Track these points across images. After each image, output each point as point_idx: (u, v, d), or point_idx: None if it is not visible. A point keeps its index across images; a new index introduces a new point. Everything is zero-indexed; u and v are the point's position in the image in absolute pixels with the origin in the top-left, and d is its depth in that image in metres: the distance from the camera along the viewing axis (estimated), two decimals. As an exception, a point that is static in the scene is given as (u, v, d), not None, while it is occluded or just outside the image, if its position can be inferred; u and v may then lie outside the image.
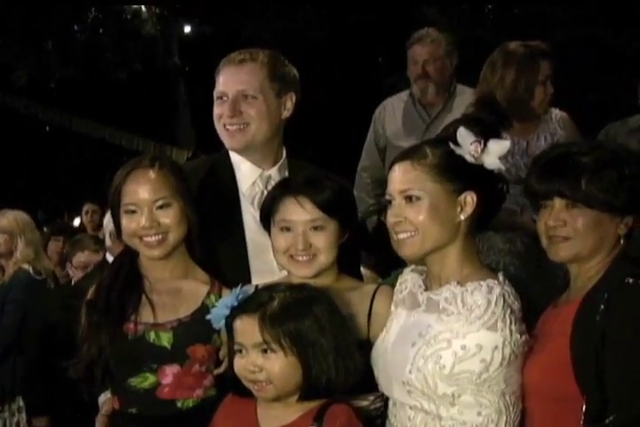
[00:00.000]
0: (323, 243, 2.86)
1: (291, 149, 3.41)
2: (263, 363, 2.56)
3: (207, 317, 2.81)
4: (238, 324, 2.62)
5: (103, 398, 3.08)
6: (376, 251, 3.97)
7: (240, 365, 2.60)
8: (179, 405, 2.94)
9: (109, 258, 4.92)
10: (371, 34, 12.64)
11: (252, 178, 3.29)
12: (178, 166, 3.10)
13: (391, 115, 5.47)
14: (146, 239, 2.96)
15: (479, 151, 2.68)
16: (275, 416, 2.62)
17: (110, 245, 5.07)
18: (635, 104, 5.03)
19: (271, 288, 2.70)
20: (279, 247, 2.89)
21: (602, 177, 2.62)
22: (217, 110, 3.29)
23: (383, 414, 2.79)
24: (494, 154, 2.70)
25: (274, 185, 3.08)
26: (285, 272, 2.97)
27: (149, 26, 13.56)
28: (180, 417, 2.93)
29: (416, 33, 5.42)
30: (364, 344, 2.79)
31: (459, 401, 2.61)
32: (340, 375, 2.57)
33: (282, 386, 2.57)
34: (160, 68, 14.44)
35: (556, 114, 4.51)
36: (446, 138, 2.73)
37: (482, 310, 2.58)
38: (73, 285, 5.47)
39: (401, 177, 2.72)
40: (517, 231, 4.24)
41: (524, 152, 4.33)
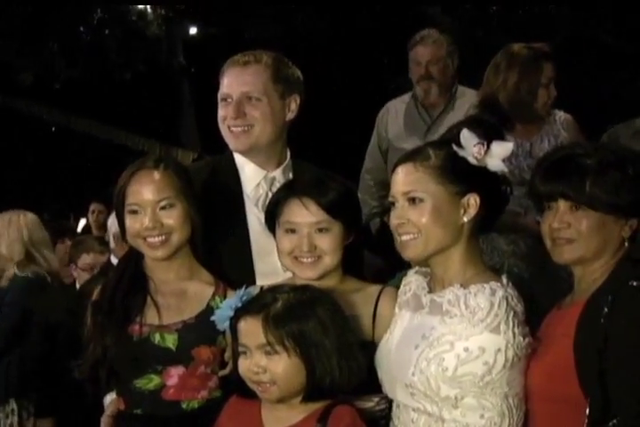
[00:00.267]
0: (327, 245, 2.86)
1: (295, 151, 3.41)
2: (267, 364, 2.56)
3: (211, 318, 2.82)
4: (242, 325, 2.62)
5: (108, 398, 3.09)
6: (380, 252, 3.97)
7: (244, 366, 2.61)
8: (183, 406, 2.95)
9: (114, 260, 4.92)
10: (375, 35, 12.63)
11: (257, 180, 3.30)
12: (183, 167, 3.10)
13: (393, 117, 5.47)
14: (149, 240, 2.97)
15: (482, 153, 2.68)
16: (279, 417, 2.63)
17: (114, 247, 5.07)
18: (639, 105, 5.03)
19: (275, 290, 2.70)
20: (284, 249, 2.90)
21: (606, 179, 2.62)
22: (221, 112, 3.30)
23: (387, 415, 2.80)
24: (497, 156, 2.70)
25: (279, 187, 3.09)
26: (290, 273, 2.97)
27: (154, 27, 13.55)
28: (185, 418, 2.93)
29: (417, 34, 5.42)
30: (369, 346, 2.80)
31: (461, 403, 2.61)
32: (344, 376, 2.57)
33: (285, 387, 2.57)
34: (165, 69, 14.43)
35: (560, 116, 4.51)
36: (449, 140, 2.72)
37: (485, 313, 2.57)
38: (79, 287, 5.47)
39: (404, 179, 2.72)
40: (521, 233, 4.24)
41: (528, 154, 4.32)
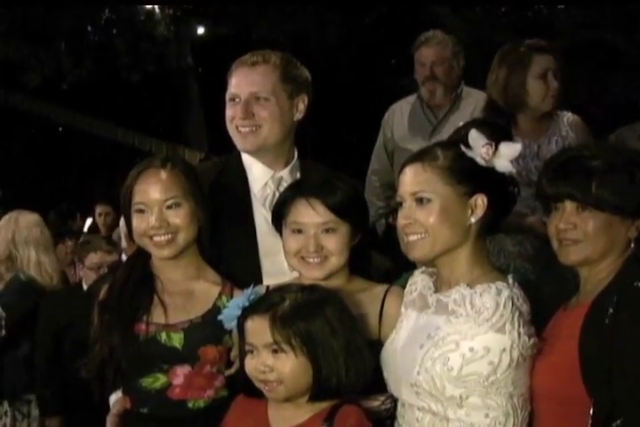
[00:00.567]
0: (334, 245, 2.87)
1: (302, 151, 3.42)
2: (274, 363, 2.56)
3: (219, 317, 2.82)
4: (249, 324, 2.63)
5: (114, 397, 3.09)
6: (386, 253, 3.97)
7: (251, 365, 2.61)
8: (190, 405, 2.95)
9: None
10: (383, 35, 12.64)
11: (264, 179, 3.30)
12: (190, 167, 3.11)
13: (399, 118, 5.47)
14: (155, 239, 2.97)
15: (490, 154, 2.68)
16: (285, 417, 2.63)
17: (126, 246, 5.07)
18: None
19: (282, 289, 2.71)
20: (290, 249, 2.90)
21: (612, 180, 2.62)
22: (229, 112, 3.30)
23: (393, 414, 2.80)
24: (505, 157, 2.70)
25: (286, 187, 3.09)
26: (296, 273, 2.97)
27: (162, 27, 13.57)
28: (192, 418, 2.94)
29: (422, 35, 5.43)
30: (375, 345, 2.80)
31: (466, 403, 2.61)
32: (351, 376, 2.57)
33: (292, 386, 2.57)
34: (173, 70, 14.45)
35: (568, 117, 4.47)
36: (458, 140, 2.72)
37: (490, 313, 2.57)
38: (87, 287, 5.47)
39: (412, 179, 2.72)
40: (527, 234, 4.24)
41: (535, 155, 4.30)
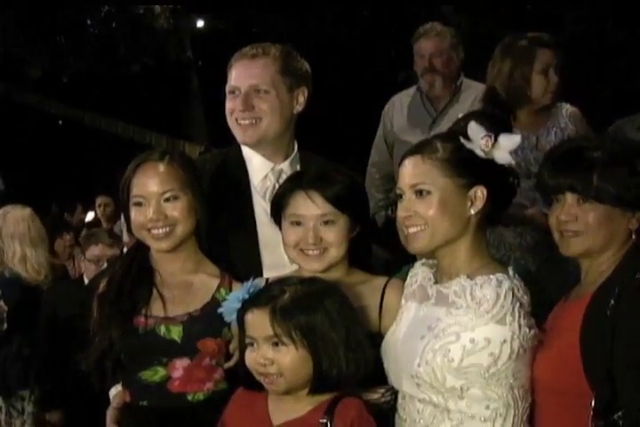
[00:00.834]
0: (333, 237, 2.86)
1: (302, 144, 3.42)
2: (274, 356, 2.56)
3: (219, 310, 2.82)
4: (249, 317, 2.62)
5: (114, 391, 3.09)
6: (386, 245, 3.97)
7: (251, 358, 2.61)
8: (189, 398, 2.95)
9: (127, 253, 4.92)
10: (383, 27, 12.62)
11: (264, 172, 3.30)
12: (189, 160, 3.11)
13: (399, 110, 5.48)
14: (153, 231, 2.98)
15: (490, 146, 2.68)
16: (285, 410, 2.63)
17: (128, 240, 5.07)
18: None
19: (282, 282, 2.71)
20: (289, 241, 2.90)
21: (613, 172, 2.62)
22: (229, 105, 3.30)
23: (393, 406, 2.79)
24: (505, 148, 2.70)
25: (285, 179, 3.09)
26: (296, 266, 2.97)
27: (162, 20, 13.56)
28: (191, 410, 2.94)
29: (421, 27, 5.44)
30: (375, 337, 2.80)
31: (467, 394, 2.61)
32: (351, 368, 2.57)
33: (292, 379, 2.57)
34: (173, 63, 14.44)
35: (567, 109, 4.49)
36: (457, 132, 2.73)
37: (491, 304, 2.58)
38: (89, 280, 5.48)
39: (411, 171, 2.72)
40: (527, 226, 4.25)
41: (534, 147, 4.32)
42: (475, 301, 2.61)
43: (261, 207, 3.23)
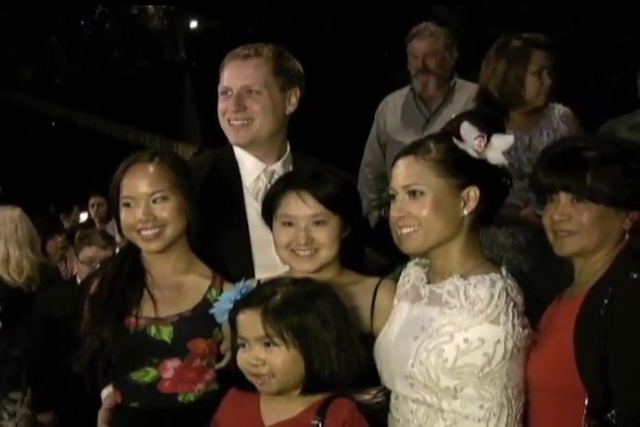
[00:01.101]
0: (324, 238, 2.86)
1: (295, 145, 3.41)
2: (266, 356, 2.56)
3: (210, 311, 2.81)
4: (241, 318, 2.62)
5: (105, 392, 3.08)
6: (378, 246, 3.97)
7: (243, 359, 2.61)
8: (180, 399, 2.95)
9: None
10: (376, 28, 12.61)
11: (256, 173, 3.30)
12: (180, 161, 3.10)
13: (392, 110, 5.48)
14: (143, 233, 2.97)
15: (483, 146, 2.68)
16: (278, 410, 2.62)
17: (120, 240, 5.07)
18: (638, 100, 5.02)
19: (274, 282, 2.70)
20: (281, 242, 2.89)
21: (607, 172, 2.62)
22: (221, 105, 3.30)
23: (386, 407, 2.80)
24: (498, 149, 2.70)
25: (276, 180, 3.09)
26: (288, 266, 2.97)
27: (156, 21, 13.54)
28: (182, 411, 2.94)
29: (414, 27, 5.44)
30: (367, 338, 2.80)
31: (461, 394, 2.61)
32: (343, 369, 2.57)
33: (284, 379, 2.57)
34: (166, 64, 14.42)
35: (559, 109, 4.51)
36: (450, 133, 2.73)
37: (485, 304, 2.58)
38: (81, 281, 5.47)
39: (404, 172, 2.72)
40: (520, 226, 4.25)
41: (527, 147, 4.33)
42: (468, 300, 2.61)
43: (253, 208, 3.22)
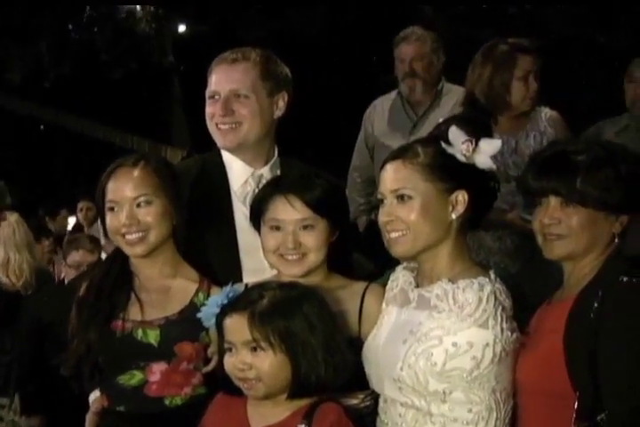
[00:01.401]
0: (312, 242, 2.86)
1: (284, 149, 3.41)
2: (253, 361, 2.56)
3: (197, 315, 2.80)
4: (228, 322, 2.62)
5: (93, 396, 3.09)
6: (367, 250, 3.97)
7: (230, 363, 2.60)
8: (167, 402, 2.95)
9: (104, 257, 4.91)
10: (366, 32, 12.62)
11: (244, 177, 3.29)
12: (166, 165, 3.10)
13: (380, 114, 5.49)
14: (127, 237, 2.97)
15: (471, 150, 2.68)
16: (265, 415, 2.62)
17: (104, 243, 5.06)
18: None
19: (261, 287, 2.70)
20: (269, 246, 2.89)
21: (597, 176, 2.62)
22: (209, 109, 3.29)
23: (373, 411, 2.79)
24: (486, 153, 2.70)
25: (264, 184, 3.08)
26: (276, 271, 2.96)
27: (144, 24, 13.53)
28: (169, 415, 2.93)
29: (402, 32, 5.44)
30: (355, 342, 2.79)
31: (450, 398, 2.61)
32: (330, 373, 2.57)
33: (271, 384, 2.57)
34: (154, 67, 14.40)
35: (546, 112, 4.51)
36: (438, 137, 2.73)
37: (473, 308, 2.58)
38: (67, 283, 5.47)
39: (393, 176, 2.72)
40: (507, 230, 4.26)
41: (513, 151, 4.33)
42: (457, 304, 2.61)
43: (241, 212, 3.22)
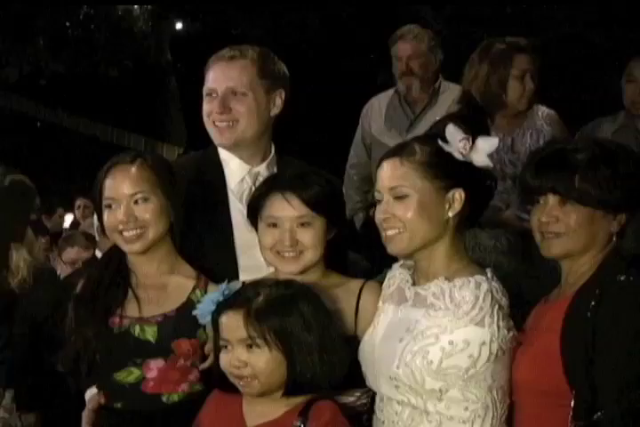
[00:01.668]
0: (309, 239, 2.86)
1: (281, 146, 3.41)
2: (248, 358, 2.56)
3: (193, 312, 2.81)
4: (224, 319, 2.62)
5: (89, 393, 3.07)
6: (363, 248, 3.97)
7: (225, 360, 2.61)
8: (164, 399, 2.95)
9: (99, 254, 4.92)
10: (362, 30, 12.62)
11: (241, 174, 3.29)
12: (163, 162, 3.10)
13: (377, 112, 5.49)
14: (125, 234, 2.97)
15: (468, 148, 2.68)
16: (260, 412, 2.62)
17: (99, 240, 5.07)
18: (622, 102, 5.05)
19: (257, 284, 2.70)
20: (266, 244, 2.89)
21: (595, 174, 2.62)
22: (206, 107, 3.29)
23: (370, 409, 2.80)
24: (483, 151, 2.70)
25: (261, 181, 3.08)
26: (273, 268, 2.96)
27: (141, 23, 13.53)
28: (166, 412, 2.93)
29: (398, 30, 5.44)
30: (351, 340, 2.79)
31: (446, 396, 2.61)
32: (325, 371, 2.57)
33: (267, 381, 2.57)
34: (151, 65, 14.41)
35: (543, 111, 4.52)
36: (435, 135, 2.73)
37: (470, 306, 2.58)
38: (62, 280, 5.46)
39: (390, 174, 2.72)
40: (503, 228, 4.26)
41: (509, 149, 4.34)
42: (454, 303, 2.61)
43: (238, 210, 3.22)
